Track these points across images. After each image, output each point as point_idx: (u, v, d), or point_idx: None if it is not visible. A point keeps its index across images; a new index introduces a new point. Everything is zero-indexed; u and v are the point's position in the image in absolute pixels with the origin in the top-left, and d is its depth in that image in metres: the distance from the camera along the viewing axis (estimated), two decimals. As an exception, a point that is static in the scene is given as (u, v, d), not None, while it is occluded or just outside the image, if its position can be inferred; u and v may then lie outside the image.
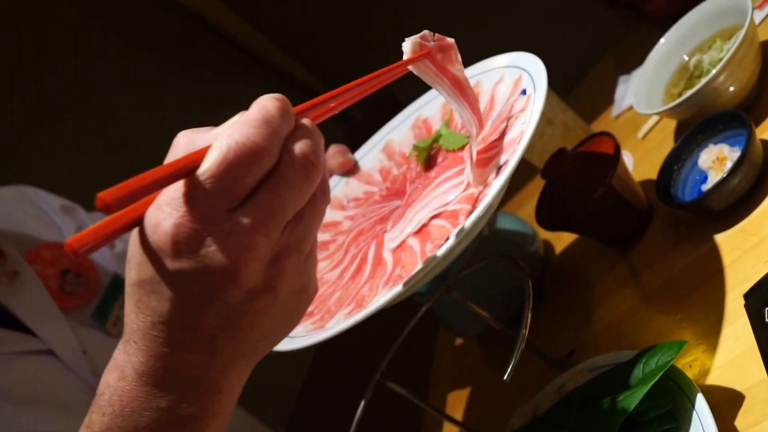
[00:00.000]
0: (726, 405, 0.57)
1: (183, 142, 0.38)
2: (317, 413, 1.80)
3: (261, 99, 0.37)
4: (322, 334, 0.61)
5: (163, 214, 0.35)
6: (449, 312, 1.03)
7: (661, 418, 0.57)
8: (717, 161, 0.72)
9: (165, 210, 0.35)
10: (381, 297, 0.59)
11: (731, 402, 0.57)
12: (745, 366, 0.58)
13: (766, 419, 0.53)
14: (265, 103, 0.37)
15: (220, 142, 0.35)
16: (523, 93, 0.68)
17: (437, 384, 1.14)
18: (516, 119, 0.65)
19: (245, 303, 0.37)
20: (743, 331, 0.60)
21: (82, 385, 0.85)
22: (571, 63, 1.40)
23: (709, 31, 0.86)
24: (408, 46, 0.55)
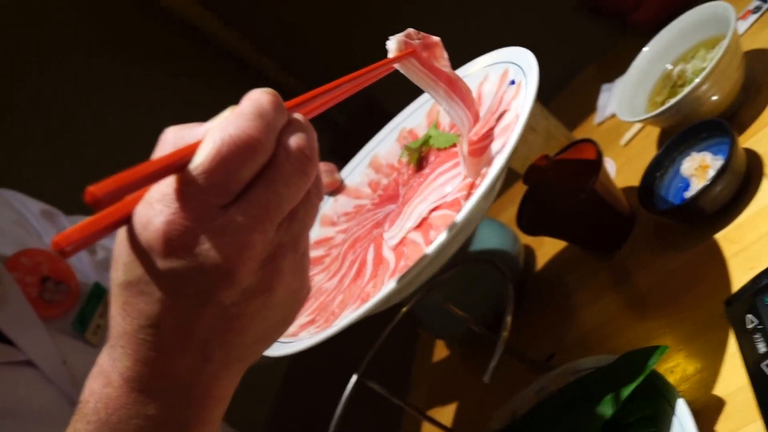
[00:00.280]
0: (707, 410, 0.58)
1: (171, 138, 0.36)
2: (296, 414, 1.79)
3: (252, 92, 0.36)
4: (328, 331, 0.58)
5: (154, 211, 0.33)
6: (430, 315, 1.03)
7: (642, 421, 0.57)
8: (700, 169, 0.73)
9: (156, 207, 0.33)
10: (389, 284, 0.55)
11: (712, 407, 0.57)
12: (727, 372, 0.59)
13: (746, 425, 0.54)
14: (258, 96, 0.35)
15: (213, 135, 0.34)
16: (512, 83, 0.67)
17: (417, 385, 1.14)
18: (508, 108, 0.64)
19: (239, 304, 0.36)
20: (725, 338, 0.60)
21: (61, 397, 0.82)
22: (554, 72, 1.40)
23: (693, 41, 0.87)
24: (393, 44, 0.54)
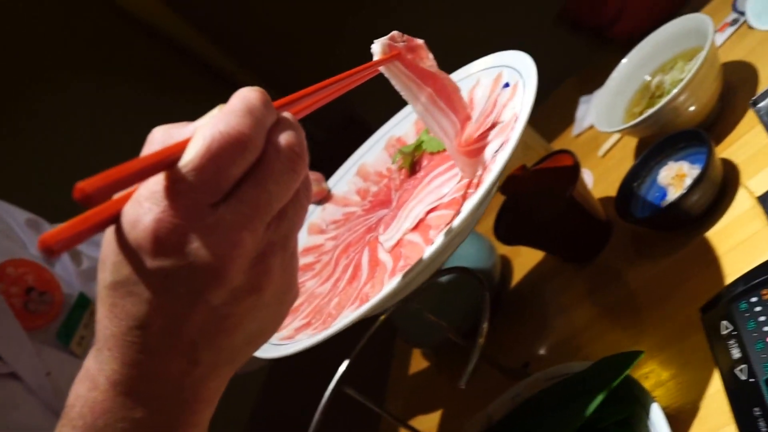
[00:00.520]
0: (681, 415, 0.58)
1: (159, 137, 0.36)
2: (274, 421, 1.77)
3: (241, 90, 0.36)
4: (329, 330, 0.57)
5: (143, 209, 0.33)
6: (408, 324, 1.02)
7: (617, 426, 0.57)
8: (677, 178, 0.73)
9: (144, 205, 0.33)
10: (393, 282, 0.54)
11: (686, 412, 0.58)
12: (701, 378, 0.59)
13: (720, 429, 0.54)
14: (247, 94, 0.35)
15: (202, 132, 0.33)
16: (506, 86, 0.67)
17: (395, 393, 1.14)
18: (504, 109, 0.64)
19: (229, 304, 0.35)
20: (700, 344, 0.61)
21: (45, 409, 0.81)
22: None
23: (671, 53, 0.88)
24: (377, 47, 0.55)
